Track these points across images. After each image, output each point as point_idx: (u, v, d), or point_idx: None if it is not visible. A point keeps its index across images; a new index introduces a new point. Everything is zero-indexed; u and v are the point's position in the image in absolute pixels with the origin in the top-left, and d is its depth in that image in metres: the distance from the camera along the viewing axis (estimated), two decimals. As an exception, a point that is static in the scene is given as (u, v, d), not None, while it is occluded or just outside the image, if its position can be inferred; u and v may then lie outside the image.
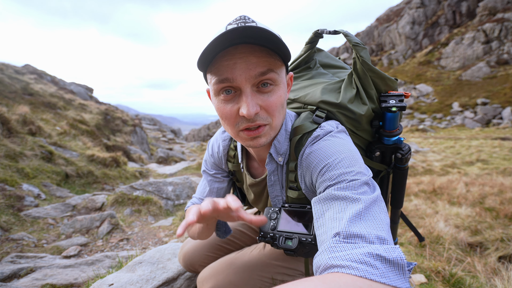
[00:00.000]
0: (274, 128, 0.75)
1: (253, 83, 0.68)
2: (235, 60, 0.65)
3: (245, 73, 0.66)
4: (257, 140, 0.74)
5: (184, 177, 4.23)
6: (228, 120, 0.72)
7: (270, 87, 0.70)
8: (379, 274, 0.46)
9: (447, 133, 24.89)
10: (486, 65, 41.89)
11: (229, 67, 0.66)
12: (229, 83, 0.67)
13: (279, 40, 0.65)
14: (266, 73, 0.67)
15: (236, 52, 0.66)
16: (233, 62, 0.65)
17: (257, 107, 0.68)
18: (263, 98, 0.70)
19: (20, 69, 13.47)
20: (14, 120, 4.72)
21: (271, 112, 0.71)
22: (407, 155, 0.96)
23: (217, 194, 1.08)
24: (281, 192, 0.90)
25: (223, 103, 0.71)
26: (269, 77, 0.68)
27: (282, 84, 0.73)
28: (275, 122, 0.74)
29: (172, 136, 20.11)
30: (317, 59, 1.12)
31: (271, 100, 0.70)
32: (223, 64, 0.66)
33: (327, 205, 0.62)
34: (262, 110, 0.71)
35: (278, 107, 0.72)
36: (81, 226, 2.65)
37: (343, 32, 0.92)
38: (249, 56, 0.66)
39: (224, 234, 1.06)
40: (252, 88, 0.68)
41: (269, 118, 0.72)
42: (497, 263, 2.17)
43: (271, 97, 0.70)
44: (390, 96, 0.89)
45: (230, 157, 1.02)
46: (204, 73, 0.74)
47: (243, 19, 0.66)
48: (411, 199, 4.33)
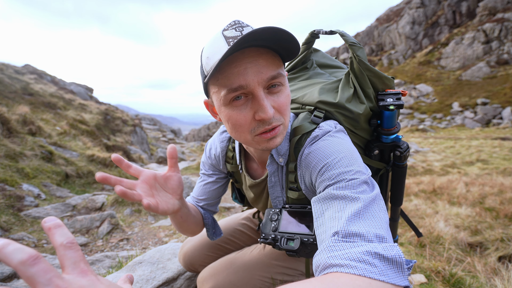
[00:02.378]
0: (286, 127, 0.75)
1: (265, 86, 0.67)
2: (245, 66, 0.64)
3: (257, 77, 0.64)
4: (273, 140, 0.72)
5: (184, 177, 4.23)
6: (242, 127, 0.70)
7: (278, 87, 0.70)
8: (378, 272, 0.46)
9: (447, 133, 24.90)
10: (486, 65, 41.90)
11: (240, 74, 0.63)
12: (243, 90, 0.65)
13: (291, 39, 0.63)
14: (276, 77, 0.67)
15: (244, 57, 0.64)
16: (243, 68, 0.63)
17: (272, 109, 0.68)
18: (274, 99, 0.69)
19: (20, 69, 13.48)
20: (14, 120, 4.73)
21: (283, 112, 0.71)
22: (406, 152, 0.96)
23: (212, 194, 1.08)
24: (281, 193, 0.91)
25: (236, 110, 0.68)
26: (279, 80, 0.68)
27: (287, 83, 0.74)
28: (286, 121, 0.74)
29: (172, 136, 20.12)
30: (314, 59, 1.12)
31: (281, 100, 0.70)
32: (233, 72, 0.64)
33: (327, 205, 0.63)
34: (275, 111, 0.70)
35: (288, 106, 0.73)
36: (81, 226, 2.65)
37: (339, 32, 0.93)
38: (258, 60, 0.65)
39: (213, 235, 1.08)
40: (264, 90, 0.68)
41: (282, 118, 0.72)
42: (497, 263, 2.17)
43: (280, 97, 0.70)
44: (388, 94, 0.89)
45: (229, 158, 1.02)
46: (206, 83, 0.72)
47: (238, 23, 0.66)
48: (411, 199, 4.33)
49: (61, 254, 0.37)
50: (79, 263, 0.37)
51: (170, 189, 0.76)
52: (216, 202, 1.12)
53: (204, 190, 1.07)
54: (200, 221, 1.03)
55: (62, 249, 0.37)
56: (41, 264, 0.33)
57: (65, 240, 0.37)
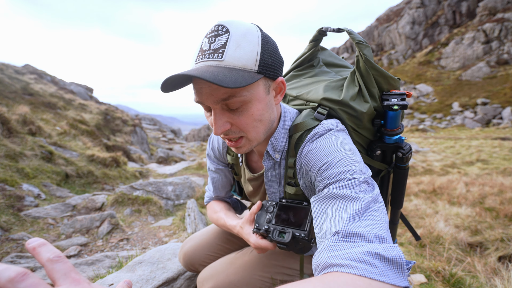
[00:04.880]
0: (252, 139, 0.77)
1: (221, 104, 0.70)
2: (201, 85, 0.68)
3: (210, 98, 0.68)
4: (238, 150, 0.79)
5: (184, 177, 4.23)
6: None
7: (237, 106, 0.70)
8: (378, 272, 0.46)
9: (447, 133, 24.89)
10: (486, 65, 41.90)
11: (198, 91, 0.69)
12: (202, 104, 0.72)
13: (222, 83, 0.60)
14: (227, 99, 0.68)
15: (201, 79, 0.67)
16: (199, 86, 0.68)
17: (225, 125, 0.71)
18: (233, 117, 0.72)
19: (20, 69, 13.48)
20: (14, 120, 4.73)
21: (243, 129, 0.74)
22: (408, 154, 0.95)
23: (226, 186, 1.16)
24: (278, 188, 0.91)
25: (206, 115, 0.76)
26: (232, 101, 0.68)
27: (256, 99, 0.71)
28: (250, 135, 0.75)
29: (172, 136, 20.12)
30: (321, 57, 1.12)
31: (241, 119, 0.72)
32: (195, 87, 0.70)
33: (326, 204, 0.62)
34: (234, 126, 0.73)
35: (250, 124, 0.73)
36: (81, 226, 2.65)
37: (347, 30, 0.93)
38: (211, 84, 0.67)
39: (241, 211, 1.24)
40: (222, 106, 0.70)
41: (242, 133, 0.75)
42: (497, 263, 2.17)
43: (241, 116, 0.71)
44: (392, 94, 0.89)
45: (230, 150, 1.04)
46: None
47: (215, 30, 0.67)
48: (411, 199, 4.33)
49: (49, 269, 0.35)
50: (69, 273, 0.36)
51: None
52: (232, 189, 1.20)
53: (217, 188, 1.16)
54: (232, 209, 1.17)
55: (50, 264, 0.35)
56: (30, 279, 0.31)
57: (51, 255, 0.36)
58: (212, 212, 1.14)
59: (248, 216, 0.90)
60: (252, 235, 0.87)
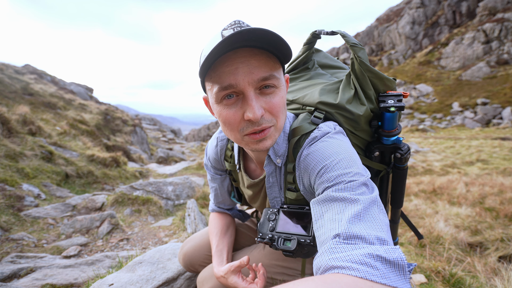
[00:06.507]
0: (279, 129, 0.75)
1: (256, 87, 0.67)
2: (236, 65, 0.64)
3: (247, 77, 0.65)
4: (263, 142, 0.72)
5: (184, 177, 4.23)
6: (231, 125, 0.71)
7: (271, 89, 0.69)
8: (380, 275, 0.46)
9: (447, 133, 24.89)
10: (486, 65, 41.89)
11: (231, 73, 0.65)
12: (233, 89, 0.66)
13: (280, 40, 0.63)
14: (268, 78, 0.67)
15: (236, 56, 0.64)
16: (234, 67, 0.64)
17: (262, 110, 0.67)
18: (266, 100, 0.69)
19: (20, 69, 13.48)
20: (14, 120, 4.72)
21: (275, 114, 0.71)
22: (406, 154, 0.95)
23: (226, 195, 1.17)
24: (279, 193, 0.90)
25: (226, 109, 0.69)
26: (271, 82, 0.68)
27: (282, 85, 0.73)
28: (279, 123, 0.73)
29: (172, 136, 20.11)
30: (316, 59, 1.12)
31: (274, 101, 0.70)
32: (224, 71, 0.65)
33: (326, 207, 0.62)
34: (266, 113, 0.70)
35: (281, 108, 0.72)
36: (81, 226, 2.65)
37: (341, 32, 0.92)
38: (250, 60, 0.65)
39: (245, 219, 1.29)
40: (255, 91, 0.68)
41: (274, 120, 0.72)
42: (497, 263, 2.17)
43: (274, 99, 0.70)
44: (389, 96, 0.89)
45: (227, 157, 1.03)
46: (202, 80, 0.74)
47: (237, 23, 0.66)
48: (411, 199, 4.33)
49: None
50: None
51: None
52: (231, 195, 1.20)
53: (217, 196, 1.16)
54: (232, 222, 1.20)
55: None
56: None
57: None
58: (209, 229, 1.18)
59: (230, 267, 0.89)
60: (240, 283, 0.87)
